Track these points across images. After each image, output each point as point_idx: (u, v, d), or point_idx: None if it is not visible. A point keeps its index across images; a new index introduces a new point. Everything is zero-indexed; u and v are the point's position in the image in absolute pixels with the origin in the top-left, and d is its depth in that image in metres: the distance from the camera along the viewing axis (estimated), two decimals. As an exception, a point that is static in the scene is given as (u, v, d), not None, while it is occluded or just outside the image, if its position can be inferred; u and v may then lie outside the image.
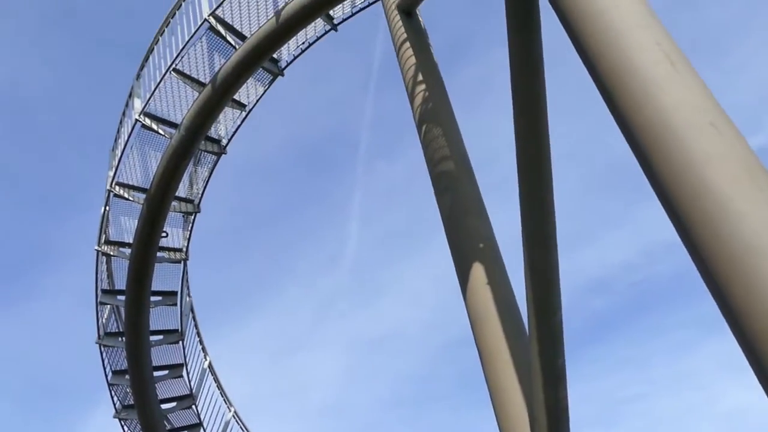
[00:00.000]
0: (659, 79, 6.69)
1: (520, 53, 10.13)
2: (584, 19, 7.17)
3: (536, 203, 10.36)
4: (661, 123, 6.46)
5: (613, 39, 6.98)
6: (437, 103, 12.39)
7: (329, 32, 17.80)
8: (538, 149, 10.20)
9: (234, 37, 16.59)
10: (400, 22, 13.95)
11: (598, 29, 7.02)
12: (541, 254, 10.68)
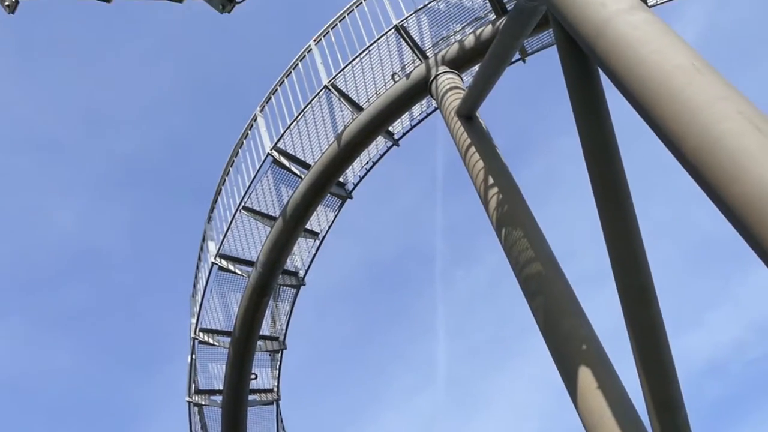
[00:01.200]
0: (749, 149, 6.20)
1: (592, 138, 9.76)
2: (661, 101, 6.72)
3: (635, 291, 9.71)
4: (758, 194, 5.94)
5: (695, 116, 6.51)
6: (513, 205, 11.92)
7: (391, 148, 17.70)
8: (626, 233, 9.64)
9: (298, 167, 16.61)
10: (462, 128, 13.70)
11: (678, 109, 6.55)
12: (650, 345, 9.90)
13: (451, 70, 15.32)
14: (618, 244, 9.57)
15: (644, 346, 9.93)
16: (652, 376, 9.96)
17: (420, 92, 15.79)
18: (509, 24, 11.82)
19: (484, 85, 13.13)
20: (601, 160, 9.62)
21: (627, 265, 9.57)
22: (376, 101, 15.93)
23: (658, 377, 9.95)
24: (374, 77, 16.49)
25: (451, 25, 16.62)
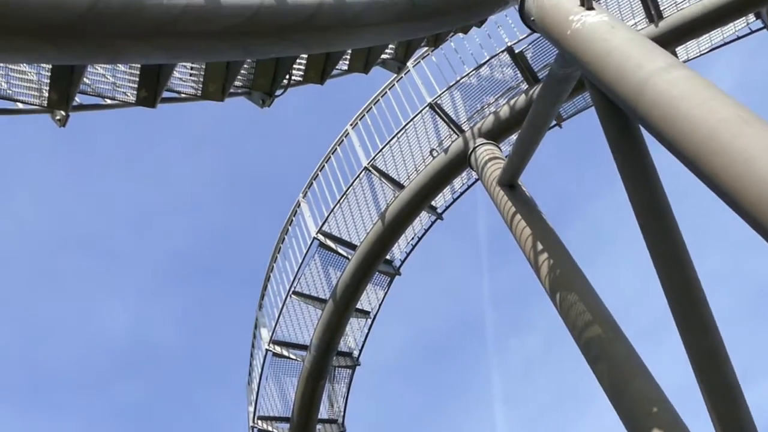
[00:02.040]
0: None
1: (641, 195, 9.79)
2: (711, 155, 6.76)
3: (702, 345, 9.51)
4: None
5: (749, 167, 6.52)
6: (565, 269, 11.88)
7: (435, 222, 17.82)
8: (688, 293, 9.53)
9: (345, 248, 16.77)
10: (505, 196, 13.80)
11: (730, 162, 6.58)
12: (724, 401, 9.63)
13: (489, 141, 15.51)
14: (681, 304, 9.46)
15: (718, 401, 9.68)
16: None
17: (459, 165, 15.97)
18: (544, 92, 12.01)
19: (524, 154, 13.26)
20: (653, 216, 9.61)
21: (693, 325, 9.44)
22: (417, 178, 16.13)
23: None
24: (413, 154, 16.73)
25: (484, 97, 16.90)
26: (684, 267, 9.45)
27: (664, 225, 9.73)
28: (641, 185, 9.80)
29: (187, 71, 8.61)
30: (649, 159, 9.78)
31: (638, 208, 9.90)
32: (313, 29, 7.79)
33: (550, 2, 9.82)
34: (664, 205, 9.78)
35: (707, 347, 9.25)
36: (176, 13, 6.78)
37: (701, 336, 9.24)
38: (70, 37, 6.41)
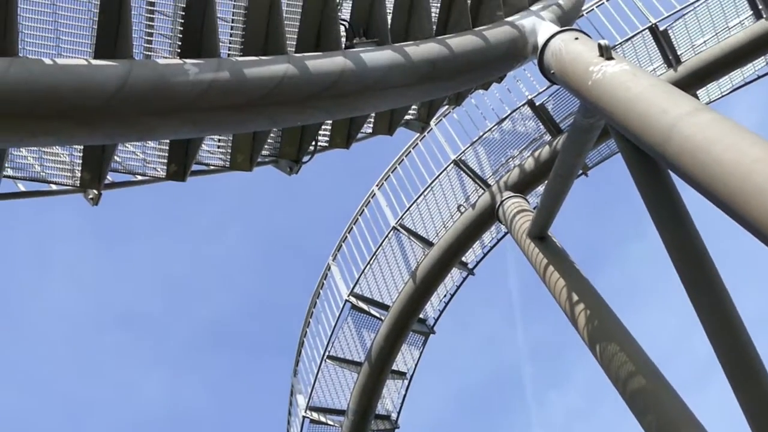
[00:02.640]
0: None
1: (676, 240, 9.68)
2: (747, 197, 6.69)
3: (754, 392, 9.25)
4: None
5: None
6: (603, 320, 11.70)
7: (467, 278, 17.71)
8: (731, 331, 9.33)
9: (377, 309, 16.70)
10: (536, 249, 13.71)
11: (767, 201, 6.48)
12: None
13: (516, 194, 15.49)
14: (726, 350, 9.25)
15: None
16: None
17: (488, 220, 15.93)
18: (569, 142, 12.01)
19: (553, 205, 13.20)
20: (690, 261, 9.47)
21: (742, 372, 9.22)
22: (446, 235, 16.10)
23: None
24: (440, 211, 16.74)
25: (508, 150, 16.95)
26: (727, 312, 9.27)
27: (702, 269, 9.58)
28: (676, 230, 9.69)
29: (214, 143, 8.74)
30: (681, 204, 9.69)
31: (674, 253, 9.77)
32: (337, 96, 7.89)
33: (569, 55, 9.86)
34: (701, 249, 9.65)
35: (758, 394, 8.99)
36: (203, 88, 6.90)
37: (751, 383, 8.99)
38: (101, 118, 6.54)
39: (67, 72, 6.36)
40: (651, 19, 16.77)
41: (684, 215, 9.81)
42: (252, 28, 7.89)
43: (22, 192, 7.70)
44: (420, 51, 8.89)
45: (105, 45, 6.89)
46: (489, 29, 10.18)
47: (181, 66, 6.94)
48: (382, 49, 8.56)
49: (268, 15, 7.90)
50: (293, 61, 7.63)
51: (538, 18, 10.94)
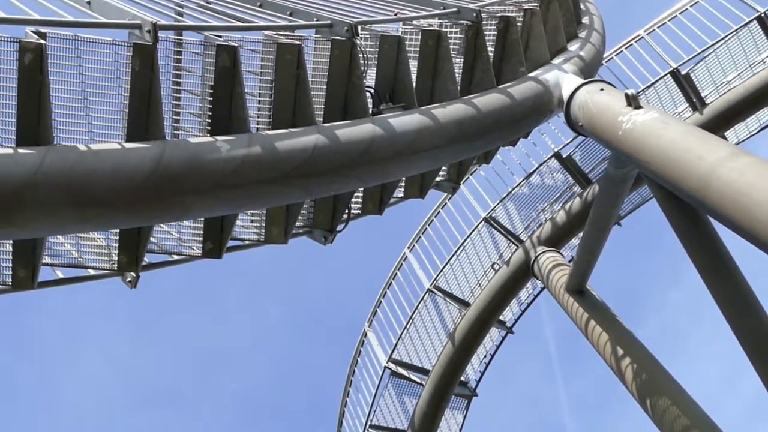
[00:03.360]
0: None
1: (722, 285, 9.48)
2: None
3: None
4: None
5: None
6: (652, 372, 11.39)
7: (506, 337, 17.43)
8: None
9: (417, 374, 16.44)
10: (575, 303, 13.49)
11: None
12: None
13: (550, 248, 15.33)
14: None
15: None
16: None
17: (523, 276, 15.76)
18: (602, 194, 11.89)
19: (589, 258, 13.02)
20: (738, 306, 9.27)
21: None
22: (482, 294, 15.92)
23: None
24: (474, 270, 16.60)
25: (538, 205, 16.85)
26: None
27: (750, 314, 9.35)
28: (720, 276, 9.49)
29: (248, 217, 8.73)
30: (723, 249, 9.49)
31: (720, 298, 9.55)
32: (368, 163, 7.87)
33: (596, 106, 9.82)
34: (747, 292, 9.43)
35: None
36: (236, 164, 6.91)
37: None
38: (136, 201, 6.55)
39: (101, 157, 6.40)
40: (672, 64, 16.79)
41: (727, 260, 9.61)
42: (279, 101, 7.94)
43: (61, 279, 7.70)
44: (447, 112, 8.89)
45: (137, 127, 6.94)
46: (513, 86, 10.19)
47: (213, 143, 6.97)
48: (409, 114, 8.58)
49: (294, 87, 7.94)
50: (323, 132, 7.64)
51: (561, 71, 10.96)
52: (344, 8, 9.74)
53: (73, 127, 7.09)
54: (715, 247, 9.55)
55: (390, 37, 8.93)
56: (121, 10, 7.45)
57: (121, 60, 7.04)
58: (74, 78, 7.00)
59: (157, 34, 6.88)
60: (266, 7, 9.36)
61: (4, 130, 6.61)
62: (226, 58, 7.42)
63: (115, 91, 7.14)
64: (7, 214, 6.01)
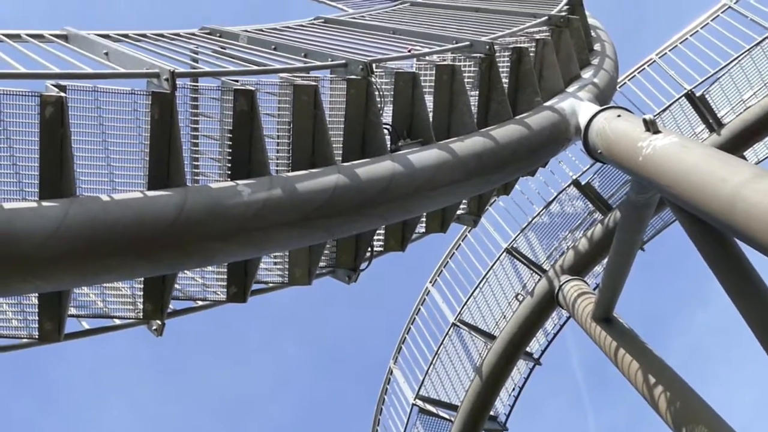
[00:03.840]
0: None
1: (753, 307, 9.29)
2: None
3: None
4: None
5: None
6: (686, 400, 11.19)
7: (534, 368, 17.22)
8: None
9: (446, 410, 16.26)
10: (603, 332, 13.34)
11: None
12: None
13: (574, 276, 15.19)
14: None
15: None
16: None
17: (548, 306, 15.62)
18: (625, 220, 11.80)
19: (615, 286, 12.89)
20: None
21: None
22: (507, 326, 15.78)
23: None
24: (498, 302, 16.48)
25: (559, 233, 16.74)
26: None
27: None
28: (750, 298, 9.36)
29: (271, 260, 8.70)
30: (752, 270, 9.37)
31: (752, 321, 9.39)
32: (389, 200, 7.85)
33: (614, 133, 9.78)
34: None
35: None
36: (258, 207, 6.91)
37: None
38: (161, 249, 6.55)
39: (124, 206, 6.42)
40: (686, 86, 16.77)
41: (757, 281, 9.48)
42: (298, 142, 7.96)
43: (88, 330, 7.70)
44: (466, 146, 8.87)
45: (158, 175, 6.97)
46: (530, 116, 10.18)
47: (234, 188, 6.98)
48: (428, 149, 8.57)
49: (312, 128, 7.96)
50: (343, 171, 7.64)
51: (576, 99, 10.95)
52: (358, 47, 9.82)
53: (95, 177, 7.13)
54: (744, 268, 9.42)
55: (405, 74, 8.96)
56: (139, 60, 7.52)
57: (141, 109, 7.09)
58: (95, 128, 7.05)
59: (175, 82, 6.94)
60: (280, 49, 9.44)
61: (27, 184, 6.67)
62: (244, 102, 7.46)
63: (136, 140, 7.18)
64: (33, 267, 6.02)
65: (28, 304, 7.34)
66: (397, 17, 12.60)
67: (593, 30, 14.15)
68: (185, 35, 9.97)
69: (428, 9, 13.57)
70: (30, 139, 6.63)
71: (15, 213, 6.08)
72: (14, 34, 8.23)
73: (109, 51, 7.98)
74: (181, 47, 9.23)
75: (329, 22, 11.85)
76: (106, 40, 8.53)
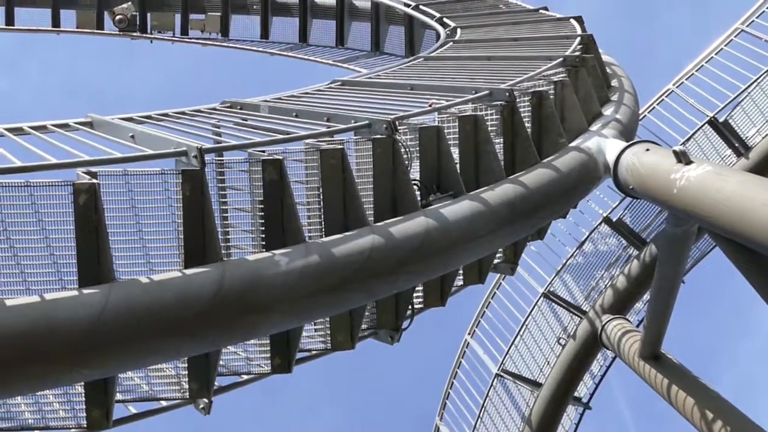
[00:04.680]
0: None
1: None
2: None
3: None
4: None
5: None
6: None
7: (584, 413, 16.82)
8: None
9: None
10: (653, 370, 13.03)
11: None
12: None
13: (615, 315, 14.93)
14: None
15: None
16: None
17: (592, 348, 15.36)
18: (664, 254, 11.60)
19: (660, 322, 12.62)
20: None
21: None
22: (552, 372, 15.50)
23: None
24: (540, 348, 16.22)
25: (596, 272, 16.53)
26: None
27: None
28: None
29: (312, 327, 8.61)
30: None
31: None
32: (426, 257, 7.77)
33: (644, 167, 9.69)
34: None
35: None
36: (295, 276, 6.86)
37: None
38: (204, 326, 6.50)
39: (164, 287, 6.39)
40: (708, 113, 16.69)
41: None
42: (330, 206, 7.92)
43: (135, 414, 7.60)
44: (497, 195, 8.81)
45: (194, 252, 6.94)
46: (557, 158, 10.12)
47: (271, 258, 6.93)
48: (459, 201, 8.50)
49: (342, 191, 7.93)
50: (377, 231, 7.58)
51: (601, 137, 10.89)
52: (378, 106, 9.84)
53: (132, 259, 7.12)
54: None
55: (429, 129, 8.96)
56: (165, 139, 7.57)
57: (171, 188, 7.11)
58: (128, 211, 7.07)
59: (204, 158, 6.96)
60: (302, 116, 9.48)
61: (66, 272, 6.67)
62: (273, 172, 7.45)
63: (169, 219, 7.18)
64: (79, 356, 5.99)
65: (75, 393, 7.27)
66: (413, 73, 12.67)
67: (608, 66, 14.16)
68: (206, 111, 10.06)
69: (442, 62, 13.67)
70: (65, 228, 6.65)
71: (57, 303, 6.07)
72: (40, 126, 8.33)
73: (134, 133, 8.05)
74: (203, 122, 9.31)
75: (346, 84, 11.94)
76: (130, 123, 8.62)
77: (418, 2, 19.09)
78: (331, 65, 20.98)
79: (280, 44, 22.14)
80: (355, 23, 21.54)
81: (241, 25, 22.50)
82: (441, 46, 14.93)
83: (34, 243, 6.67)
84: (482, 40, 14.77)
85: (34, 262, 6.69)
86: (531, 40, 14.31)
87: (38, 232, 6.66)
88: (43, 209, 6.60)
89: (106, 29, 22.53)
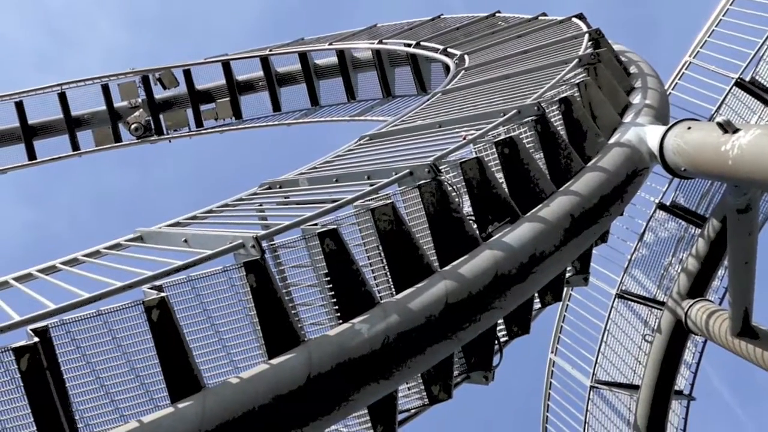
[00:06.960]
0: None
1: None
2: None
3: None
4: None
5: None
6: None
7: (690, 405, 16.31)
8: None
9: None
10: (751, 345, 12.65)
11: None
12: None
13: (696, 299, 14.53)
14: None
15: None
16: None
17: (680, 337, 14.92)
18: (732, 227, 11.32)
19: (745, 296, 12.25)
20: None
21: None
22: (647, 371, 15.08)
23: None
24: (628, 350, 15.84)
25: (663, 261, 16.18)
26: None
27: None
28: None
29: (406, 386, 8.46)
30: None
31: None
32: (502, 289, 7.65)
33: (692, 146, 9.51)
34: None
35: None
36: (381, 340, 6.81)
37: None
38: (301, 411, 6.46)
39: (256, 382, 6.35)
40: (732, 75, 16.43)
41: None
42: (393, 261, 7.83)
43: None
44: (554, 210, 8.68)
45: (275, 340, 6.87)
46: (601, 158, 9.98)
47: (351, 328, 6.86)
48: (519, 225, 8.37)
49: (402, 244, 7.84)
50: (447, 276, 7.49)
51: (638, 127, 10.71)
52: (414, 151, 9.77)
53: (216, 362, 7.06)
54: None
55: (470, 161, 8.85)
56: (218, 236, 7.56)
57: (237, 282, 7.09)
58: (201, 315, 7.04)
59: (262, 246, 6.93)
60: (343, 180, 9.44)
61: (155, 390, 6.63)
62: (331, 242, 7.40)
63: (242, 314, 7.14)
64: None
65: None
66: (437, 110, 12.61)
67: (622, 54, 14.01)
68: (248, 197, 10.06)
69: (461, 92, 13.59)
70: (145, 347, 6.64)
71: (155, 424, 6.06)
72: (93, 252, 8.37)
73: (186, 237, 8.05)
74: (248, 210, 9.31)
75: (375, 138, 11.89)
76: (179, 228, 8.65)
77: (418, 39, 19.17)
78: (348, 121, 21.06)
79: (294, 113, 22.32)
80: (360, 75, 21.66)
81: (251, 104, 22.76)
82: (454, 76, 14.89)
83: (118, 369, 6.65)
84: (493, 60, 14.70)
85: (120, 387, 6.67)
86: (541, 48, 14.21)
87: (120, 357, 6.65)
88: (119, 333, 6.60)
89: (124, 140, 22.94)
